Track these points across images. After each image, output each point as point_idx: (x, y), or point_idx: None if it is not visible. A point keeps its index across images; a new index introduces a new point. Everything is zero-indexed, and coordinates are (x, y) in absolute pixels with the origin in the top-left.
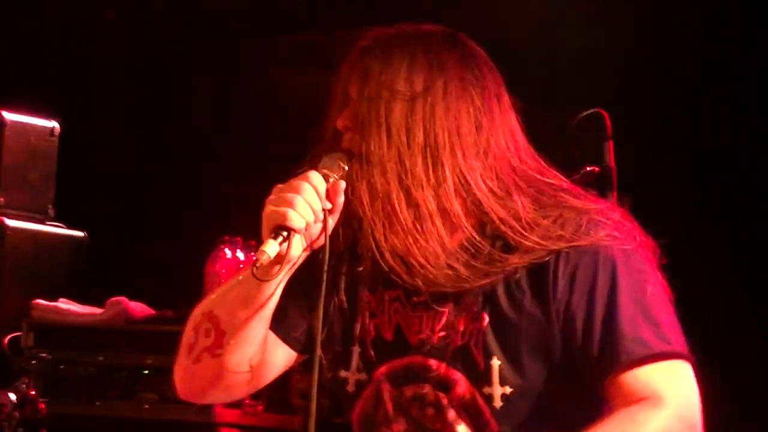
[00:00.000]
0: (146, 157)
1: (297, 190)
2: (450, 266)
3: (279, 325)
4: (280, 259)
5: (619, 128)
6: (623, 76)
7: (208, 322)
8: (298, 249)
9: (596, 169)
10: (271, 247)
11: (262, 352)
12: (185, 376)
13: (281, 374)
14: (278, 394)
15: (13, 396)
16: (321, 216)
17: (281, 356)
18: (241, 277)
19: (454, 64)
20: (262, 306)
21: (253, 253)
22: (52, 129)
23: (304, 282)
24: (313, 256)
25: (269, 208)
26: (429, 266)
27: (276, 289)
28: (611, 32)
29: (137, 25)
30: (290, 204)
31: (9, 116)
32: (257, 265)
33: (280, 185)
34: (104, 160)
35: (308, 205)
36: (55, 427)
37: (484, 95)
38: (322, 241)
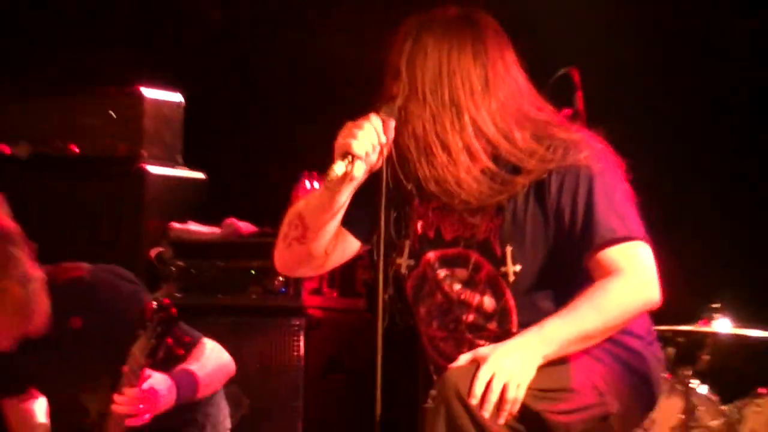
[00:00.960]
0: (250, 112)
1: (360, 127)
2: (475, 187)
3: (349, 223)
4: (346, 176)
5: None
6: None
7: (297, 219)
8: (360, 170)
9: (570, 111)
10: (339, 167)
11: (335, 242)
12: (281, 257)
13: (348, 264)
14: (348, 284)
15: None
16: (378, 147)
17: (349, 245)
18: (320, 190)
19: (467, 39)
20: (334, 210)
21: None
22: (179, 103)
23: (368, 193)
24: (373, 176)
25: (339, 139)
26: (460, 188)
27: (344, 198)
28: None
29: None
30: (354, 136)
31: (146, 92)
32: (328, 179)
33: (349, 123)
34: (217, 118)
35: (368, 138)
36: (189, 315)
37: (489, 59)
38: (379, 164)
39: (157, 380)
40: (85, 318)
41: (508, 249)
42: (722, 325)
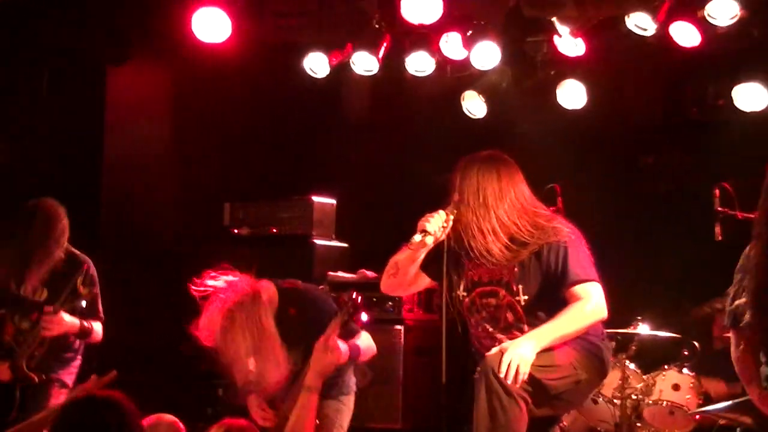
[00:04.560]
0: (382, 211)
1: (432, 216)
2: (497, 254)
3: (424, 268)
4: (422, 244)
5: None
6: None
7: (394, 265)
8: (430, 240)
9: (555, 208)
10: (418, 237)
11: (415, 279)
12: (384, 285)
13: (428, 293)
14: (427, 305)
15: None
16: (442, 228)
17: (423, 281)
18: (408, 251)
19: (494, 169)
20: (415, 262)
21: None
22: (332, 204)
23: (437, 254)
24: (439, 245)
25: (421, 222)
26: (490, 255)
27: (420, 255)
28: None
29: None
30: (428, 221)
31: (315, 198)
32: (410, 243)
33: (428, 214)
34: (361, 213)
35: (437, 222)
36: None
37: (505, 179)
38: (442, 238)
39: (341, 344)
40: (297, 309)
41: (520, 287)
42: (643, 328)
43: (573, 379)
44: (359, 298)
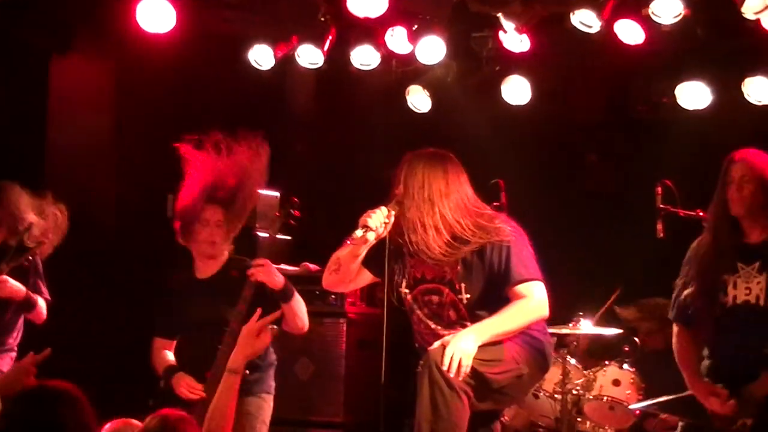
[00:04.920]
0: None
1: (374, 212)
2: (440, 250)
3: (366, 264)
4: (363, 240)
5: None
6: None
7: (336, 260)
8: (371, 236)
9: (498, 204)
10: (359, 233)
11: (358, 274)
12: (325, 281)
13: (371, 287)
14: (371, 299)
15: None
16: (384, 224)
17: (364, 277)
18: (349, 247)
19: (439, 165)
20: (357, 258)
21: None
22: (276, 196)
23: (378, 250)
24: (382, 241)
25: (363, 218)
26: (431, 251)
27: (363, 252)
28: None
29: None
30: (370, 216)
31: (260, 191)
32: (351, 239)
33: (369, 210)
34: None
35: (378, 218)
36: None
37: (450, 177)
38: (384, 234)
39: (277, 273)
40: (239, 272)
41: (463, 285)
42: (585, 326)
43: (515, 374)
44: (295, 200)
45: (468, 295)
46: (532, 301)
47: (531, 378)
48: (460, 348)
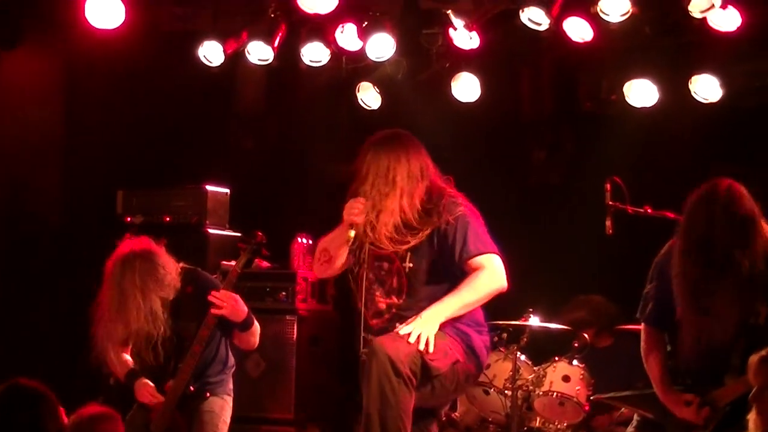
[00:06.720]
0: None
1: (360, 207)
2: (399, 231)
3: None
4: (351, 236)
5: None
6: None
7: (324, 251)
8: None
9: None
10: (352, 233)
11: (343, 262)
12: (318, 271)
13: (322, 284)
14: (322, 296)
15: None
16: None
17: (349, 257)
18: (338, 236)
19: (400, 148)
20: (348, 244)
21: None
22: (226, 193)
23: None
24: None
25: (348, 213)
26: (389, 231)
27: (351, 239)
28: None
29: None
30: (357, 215)
31: (209, 188)
32: (347, 238)
33: (351, 201)
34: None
35: (363, 213)
36: None
37: (412, 161)
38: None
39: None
40: (194, 287)
41: (408, 254)
42: (534, 321)
43: (450, 360)
44: (262, 236)
45: (411, 265)
46: (489, 271)
47: (466, 370)
48: (422, 323)
